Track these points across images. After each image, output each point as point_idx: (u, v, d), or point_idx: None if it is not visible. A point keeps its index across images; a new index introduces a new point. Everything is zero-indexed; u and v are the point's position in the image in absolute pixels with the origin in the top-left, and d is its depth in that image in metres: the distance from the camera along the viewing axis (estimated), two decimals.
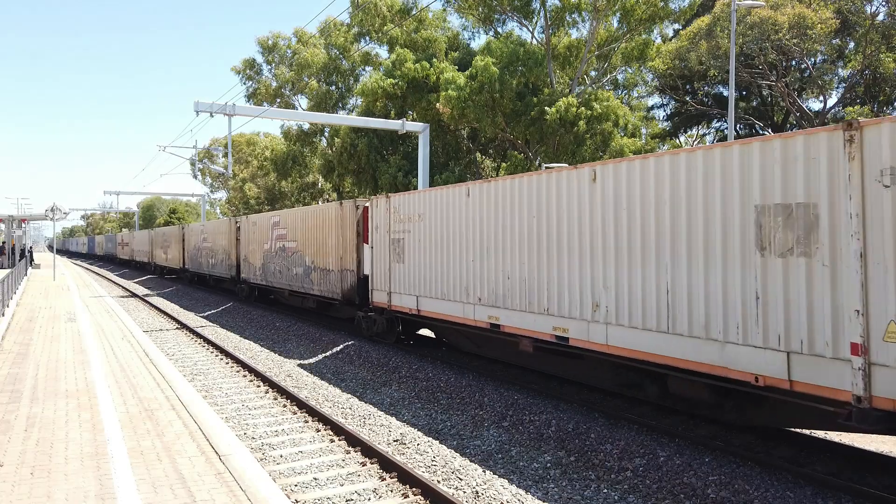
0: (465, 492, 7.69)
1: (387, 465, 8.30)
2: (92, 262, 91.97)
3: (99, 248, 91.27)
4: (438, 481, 8.00)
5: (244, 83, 44.62)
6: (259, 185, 60.16)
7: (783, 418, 8.24)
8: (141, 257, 55.16)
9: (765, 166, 7.38)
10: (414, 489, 7.59)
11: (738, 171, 7.66)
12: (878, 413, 6.34)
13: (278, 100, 43.35)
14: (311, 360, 16.19)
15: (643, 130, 40.19)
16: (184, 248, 39.13)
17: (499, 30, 32.84)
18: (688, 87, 36.20)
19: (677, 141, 41.75)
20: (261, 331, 20.99)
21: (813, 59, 31.66)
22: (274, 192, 57.29)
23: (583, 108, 25.87)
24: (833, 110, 33.04)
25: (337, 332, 18.89)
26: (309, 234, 20.63)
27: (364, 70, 40.88)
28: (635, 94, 40.51)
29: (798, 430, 9.17)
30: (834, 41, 30.36)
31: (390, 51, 34.49)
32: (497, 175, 32.97)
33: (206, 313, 26.37)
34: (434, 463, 8.62)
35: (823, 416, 7.16)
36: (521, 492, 7.75)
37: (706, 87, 36.93)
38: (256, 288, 27.01)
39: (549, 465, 8.68)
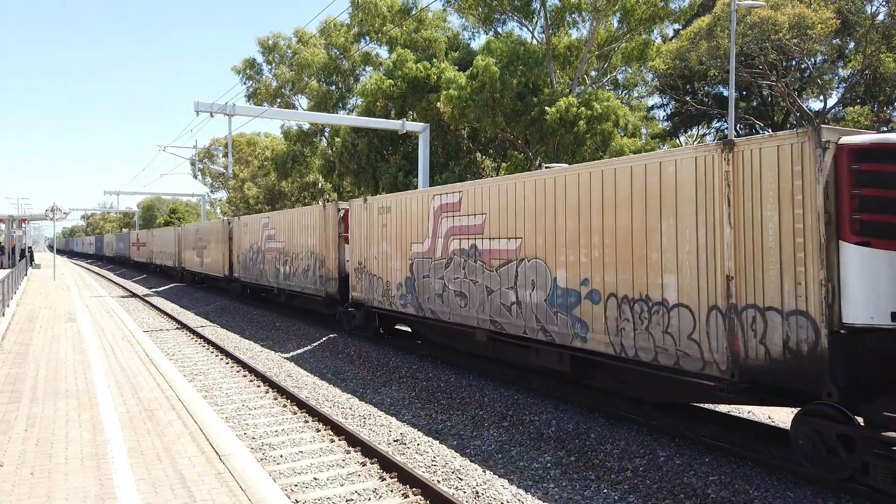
0: (465, 492, 7.69)
1: (387, 465, 8.30)
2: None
3: (108, 249, 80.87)
4: (438, 481, 8.00)
5: (244, 83, 44.66)
6: (259, 185, 60.19)
7: None
8: (163, 260, 45.42)
9: None
10: (414, 489, 7.59)
11: None
12: None
13: (278, 100, 43.35)
14: (311, 360, 16.19)
15: (643, 130, 40.19)
16: (231, 251, 29.43)
17: (499, 30, 32.86)
18: (688, 87, 36.19)
19: (677, 141, 41.75)
20: None
21: (813, 59, 31.65)
22: (274, 192, 57.31)
23: (583, 108, 25.86)
24: (833, 110, 33.06)
25: None
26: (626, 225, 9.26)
27: (364, 70, 40.89)
28: (635, 94, 40.51)
29: None
30: (834, 41, 30.36)
31: (390, 51, 34.51)
32: (497, 175, 32.91)
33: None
34: (434, 463, 8.62)
35: None
36: (522, 492, 7.75)
37: (706, 87, 36.94)
38: (386, 316, 16.75)
39: (549, 465, 8.67)
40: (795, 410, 7.40)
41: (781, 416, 10.21)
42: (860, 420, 6.85)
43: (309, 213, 21.01)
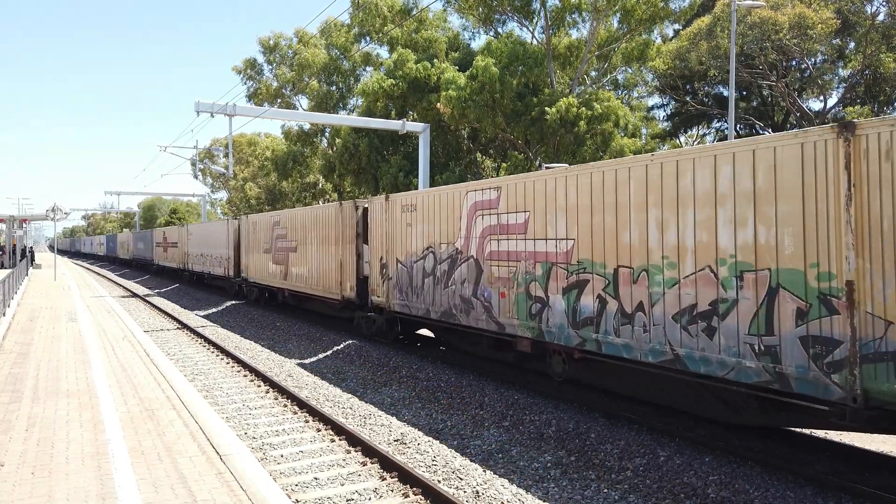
0: (465, 492, 7.70)
1: (387, 464, 8.31)
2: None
3: (123, 250, 66.59)
4: (439, 481, 8.01)
5: (245, 83, 44.66)
6: (260, 185, 60.23)
7: None
8: (207, 266, 33.15)
9: None
10: (414, 489, 7.60)
11: None
12: None
13: (279, 100, 43.36)
14: (312, 360, 16.20)
15: (643, 130, 40.20)
16: (360, 256, 17.42)
17: (499, 30, 32.86)
18: (688, 87, 36.20)
19: (677, 141, 41.76)
20: None
21: (813, 59, 31.65)
22: (275, 192, 57.36)
23: (583, 109, 25.87)
24: (833, 110, 33.06)
25: None
26: None
27: (365, 70, 40.91)
28: (635, 95, 40.51)
29: (798, 429, 9.18)
30: (834, 41, 30.37)
31: (391, 51, 34.54)
32: (497, 175, 32.89)
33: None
34: (434, 463, 8.63)
35: None
36: (522, 491, 7.76)
37: (706, 87, 36.95)
38: None
39: (549, 464, 8.68)
40: None
41: None
42: None
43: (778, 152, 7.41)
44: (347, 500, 7.41)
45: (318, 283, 19.54)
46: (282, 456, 8.91)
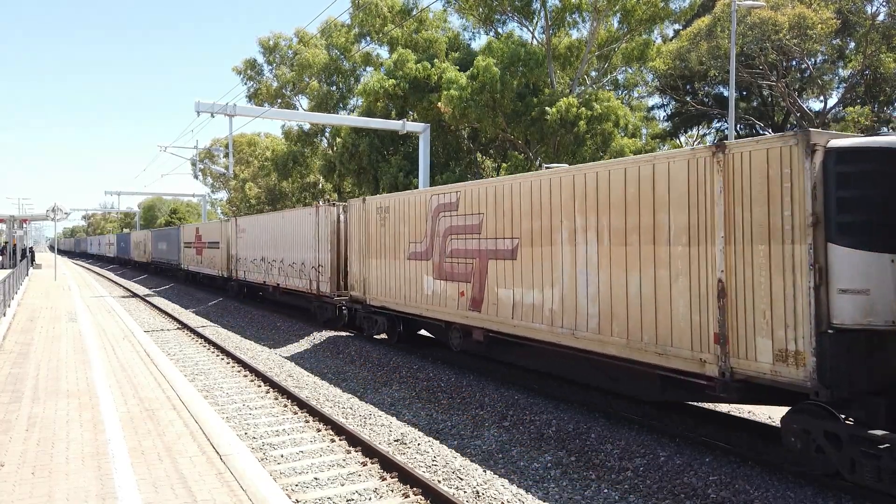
0: (465, 492, 7.70)
1: (387, 464, 8.31)
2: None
3: (138, 251, 54.95)
4: (439, 481, 8.01)
5: (245, 83, 44.68)
6: (260, 185, 60.20)
7: None
8: (270, 276, 23.94)
9: None
10: (414, 489, 7.60)
11: None
12: None
13: (279, 100, 43.36)
14: (312, 360, 16.19)
15: (643, 130, 40.21)
16: (821, 269, 6.80)
17: (499, 30, 32.88)
18: (688, 87, 36.20)
19: (677, 141, 41.77)
20: None
21: (813, 60, 31.66)
22: (275, 192, 57.32)
23: (583, 109, 25.88)
24: (833, 110, 33.06)
25: None
26: None
27: (365, 70, 40.93)
28: (635, 95, 40.54)
29: None
30: (834, 41, 30.38)
31: (391, 51, 34.55)
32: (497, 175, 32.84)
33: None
34: (434, 463, 8.63)
35: None
36: (522, 492, 7.76)
37: (706, 88, 36.95)
38: None
39: (549, 465, 8.68)
40: None
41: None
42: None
43: None
44: (347, 500, 7.41)
45: (608, 328, 9.41)
46: (282, 456, 8.91)
